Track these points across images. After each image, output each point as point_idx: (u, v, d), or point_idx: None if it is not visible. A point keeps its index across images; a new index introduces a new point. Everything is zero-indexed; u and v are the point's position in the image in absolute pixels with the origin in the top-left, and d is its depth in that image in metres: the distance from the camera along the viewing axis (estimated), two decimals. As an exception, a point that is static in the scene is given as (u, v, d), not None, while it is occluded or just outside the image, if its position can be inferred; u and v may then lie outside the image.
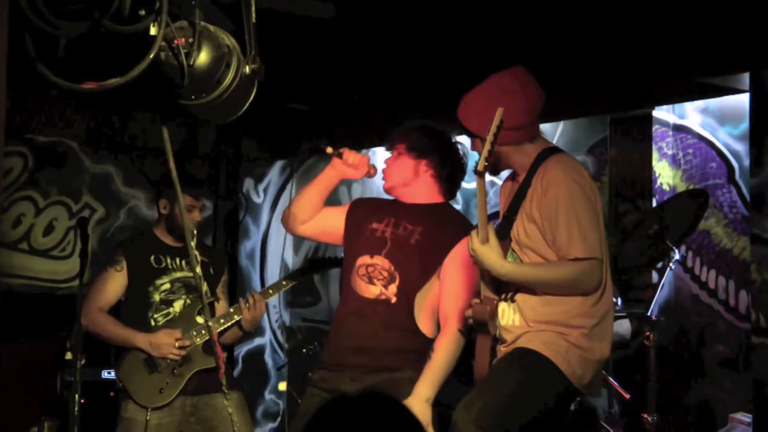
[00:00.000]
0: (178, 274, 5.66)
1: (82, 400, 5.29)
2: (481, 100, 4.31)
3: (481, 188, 4.18)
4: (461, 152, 4.95)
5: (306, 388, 5.00)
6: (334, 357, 4.84)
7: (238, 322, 5.58)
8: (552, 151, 4.37)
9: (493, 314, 4.28)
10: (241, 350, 9.59)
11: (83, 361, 5.34)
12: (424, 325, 4.73)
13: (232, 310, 5.58)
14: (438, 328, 4.75)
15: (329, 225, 5.05)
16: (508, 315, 4.29)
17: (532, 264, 4.22)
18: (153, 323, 5.58)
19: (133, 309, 5.64)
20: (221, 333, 5.58)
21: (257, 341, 9.68)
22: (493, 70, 4.42)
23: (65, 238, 8.58)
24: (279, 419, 9.68)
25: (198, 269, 4.15)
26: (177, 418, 5.52)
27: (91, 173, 8.73)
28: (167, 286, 5.61)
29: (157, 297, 5.60)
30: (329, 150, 4.95)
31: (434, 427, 4.53)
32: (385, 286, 4.75)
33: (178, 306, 5.61)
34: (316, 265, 5.92)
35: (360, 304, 4.80)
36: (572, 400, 4.26)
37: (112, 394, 5.39)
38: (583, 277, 4.11)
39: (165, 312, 5.60)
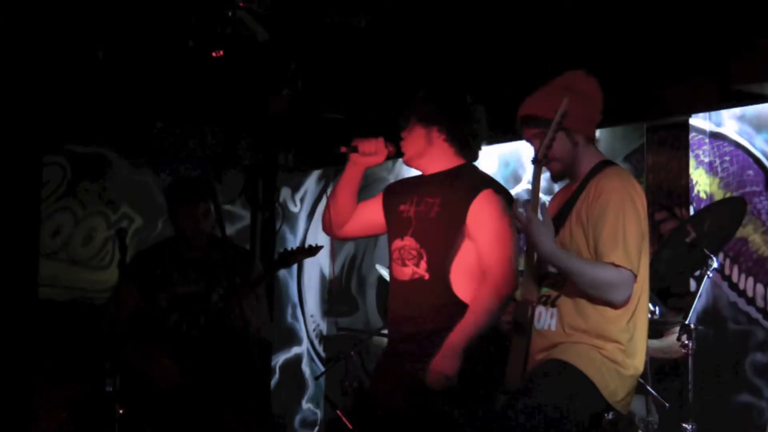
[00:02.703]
0: (180, 289, 5.61)
1: (121, 411, 5.31)
2: (556, 94, 4.27)
3: (537, 179, 4.17)
4: (473, 110, 4.92)
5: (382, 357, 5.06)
6: (391, 336, 4.94)
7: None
8: (608, 163, 4.37)
9: (532, 317, 4.27)
10: (279, 359, 9.61)
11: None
12: (464, 292, 4.71)
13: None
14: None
15: (369, 219, 5.06)
16: (544, 319, 4.27)
17: (576, 257, 4.18)
18: (158, 334, 5.57)
19: (138, 322, 5.64)
20: None
21: (294, 350, 9.71)
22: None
23: (104, 248, 8.63)
24: (317, 428, 9.69)
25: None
26: None
27: (129, 183, 8.78)
28: (163, 303, 5.58)
29: (156, 311, 5.57)
30: (344, 149, 4.96)
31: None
32: (417, 265, 4.76)
33: (176, 319, 5.56)
34: (288, 257, 5.76)
35: (398, 286, 4.84)
36: (604, 415, 4.24)
37: (121, 411, 5.36)
38: (618, 285, 4.08)
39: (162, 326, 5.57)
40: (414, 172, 5.07)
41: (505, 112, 4.92)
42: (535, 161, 4.17)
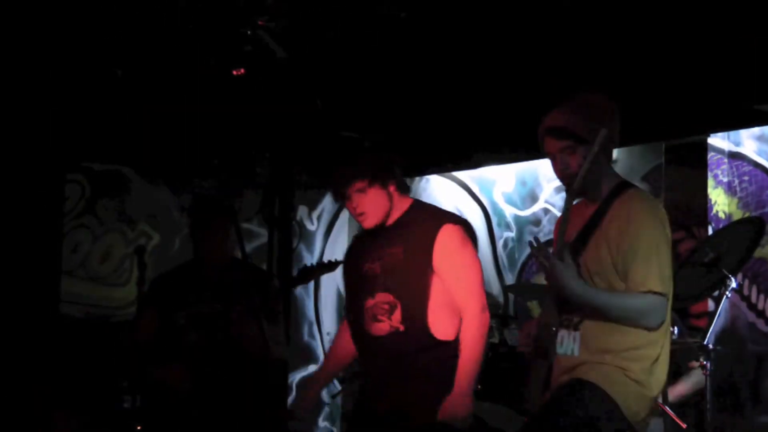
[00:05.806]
0: (199, 309, 5.62)
1: (138, 428, 5.32)
2: (585, 110, 4.23)
3: (570, 206, 4.17)
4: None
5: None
6: (372, 392, 4.88)
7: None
8: (628, 184, 4.35)
9: (554, 341, 4.25)
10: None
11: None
12: (440, 329, 4.71)
13: None
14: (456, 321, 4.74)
15: None
16: (567, 344, 4.24)
17: (604, 290, 4.17)
18: (176, 353, 5.58)
19: (160, 341, 5.67)
20: None
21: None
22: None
23: (122, 266, 8.65)
24: (333, 447, 9.68)
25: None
26: None
27: (147, 201, 8.80)
28: (182, 322, 5.59)
29: (174, 330, 5.58)
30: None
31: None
32: (390, 318, 4.74)
33: (193, 338, 5.57)
34: (307, 274, 5.77)
35: (374, 344, 4.79)
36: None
37: (139, 428, 5.37)
38: (652, 311, 4.07)
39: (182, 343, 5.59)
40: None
41: (523, 131, 4.92)
42: (570, 190, 4.15)
